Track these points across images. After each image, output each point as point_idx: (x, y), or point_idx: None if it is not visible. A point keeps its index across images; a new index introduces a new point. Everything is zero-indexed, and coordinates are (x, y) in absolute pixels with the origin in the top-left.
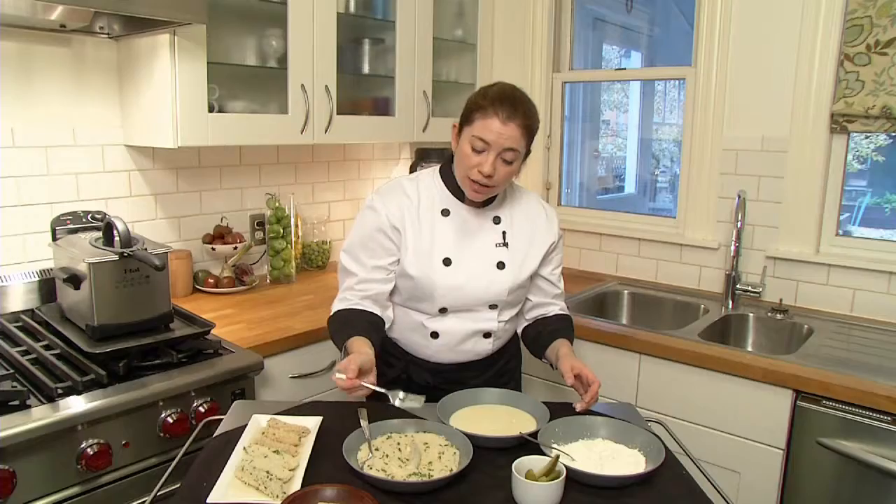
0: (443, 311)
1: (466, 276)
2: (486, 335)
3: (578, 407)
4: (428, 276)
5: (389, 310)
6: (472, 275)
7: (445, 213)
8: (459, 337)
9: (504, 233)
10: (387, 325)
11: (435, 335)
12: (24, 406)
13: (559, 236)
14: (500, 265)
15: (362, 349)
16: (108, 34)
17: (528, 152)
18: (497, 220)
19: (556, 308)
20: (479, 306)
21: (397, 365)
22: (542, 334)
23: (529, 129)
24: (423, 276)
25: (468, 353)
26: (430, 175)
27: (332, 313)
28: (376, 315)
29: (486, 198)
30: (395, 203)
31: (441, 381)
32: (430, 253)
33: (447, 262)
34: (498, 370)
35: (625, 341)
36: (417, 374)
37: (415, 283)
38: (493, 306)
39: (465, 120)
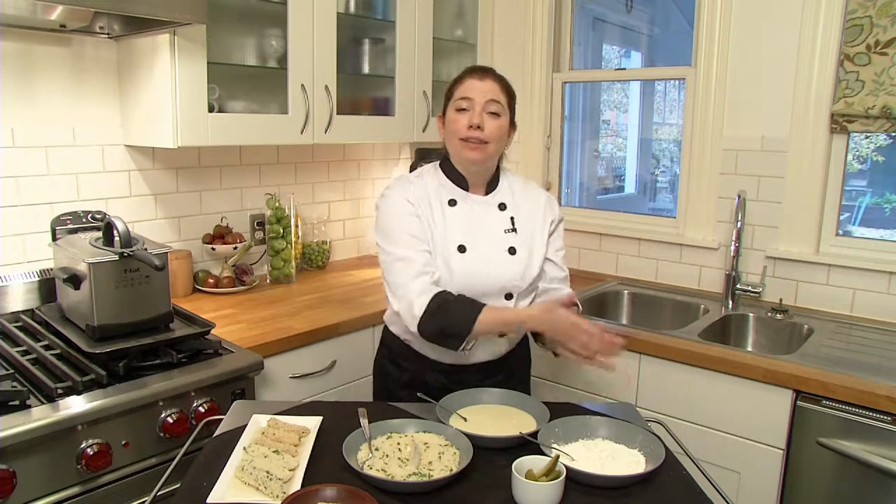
0: None
1: (482, 261)
2: (501, 334)
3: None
4: (445, 264)
5: None
6: (486, 260)
7: (452, 202)
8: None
9: (512, 218)
10: (406, 335)
11: None
12: (24, 406)
13: (560, 217)
14: (512, 250)
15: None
16: (108, 34)
17: (513, 121)
18: (503, 207)
19: (564, 293)
20: (494, 296)
21: (410, 368)
22: None
23: (506, 85)
24: (440, 263)
25: (483, 353)
26: (433, 169)
27: (427, 304)
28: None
29: (483, 158)
30: (411, 190)
31: (454, 383)
32: (443, 241)
33: (462, 248)
34: (509, 371)
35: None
36: (431, 375)
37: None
38: (508, 296)
39: (448, 98)
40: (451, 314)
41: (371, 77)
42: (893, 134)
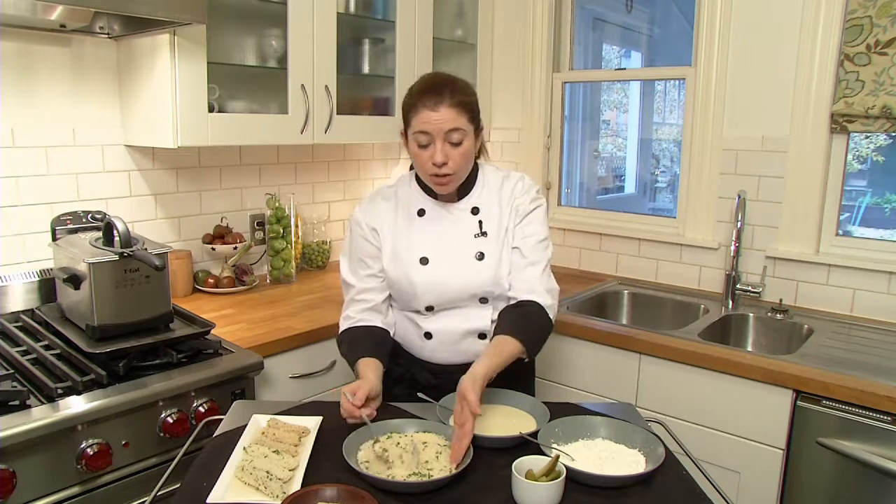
0: (430, 308)
1: (445, 271)
2: (482, 336)
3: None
4: (406, 277)
5: (391, 315)
6: (450, 270)
7: (421, 212)
8: (454, 337)
9: (480, 222)
10: (392, 332)
11: (429, 335)
12: (24, 406)
13: (534, 200)
14: (480, 256)
15: (369, 376)
16: (108, 34)
17: (479, 127)
18: (475, 211)
19: (523, 285)
20: (466, 301)
21: (402, 364)
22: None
23: (463, 104)
24: (401, 277)
25: (466, 354)
26: (408, 178)
27: (339, 332)
28: (380, 328)
29: (454, 187)
30: (373, 209)
31: (443, 382)
32: (407, 254)
33: (424, 260)
34: (506, 374)
35: (625, 341)
36: (419, 374)
37: (397, 286)
38: (483, 300)
39: (405, 124)
40: (345, 349)
41: (371, 77)
42: (893, 134)
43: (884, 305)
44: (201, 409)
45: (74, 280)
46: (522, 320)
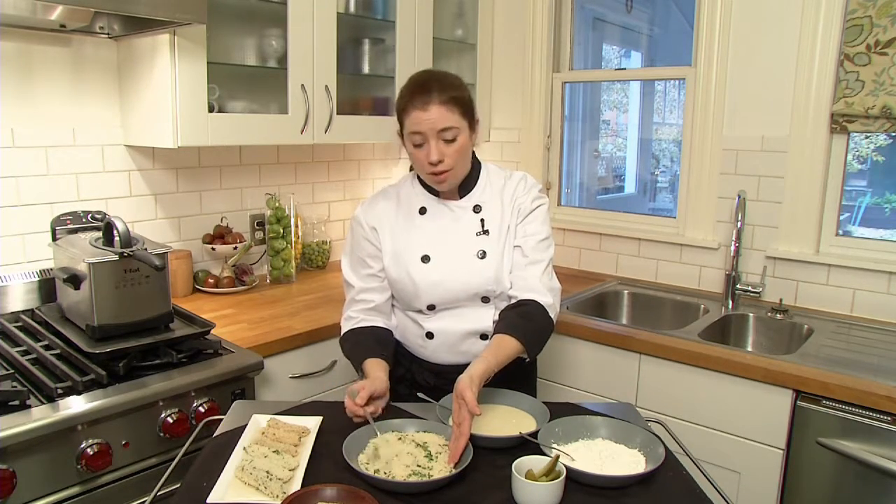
0: (432, 308)
1: (446, 270)
2: (483, 337)
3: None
4: (408, 276)
5: (394, 318)
6: (451, 268)
7: (423, 211)
8: (455, 338)
9: (482, 220)
10: (395, 333)
11: (430, 335)
12: (24, 406)
13: (536, 199)
14: (482, 254)
15: (377, 374)
16: (108, 34)
17: (473, 121)
18: (477, 209)
19: (523, 284)
20: (468, 301)
21: (403, 363)
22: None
23: (453, 100)
24: (403, 275)
25: (466, 355)
26: (411, 178)
27: (341, 334)
28: (382, 328)
29: (453, 184)
30: (374, 209)
31: (444, 383)
32: (407, 253)
33: (425, 259)
34: (507, 375)
35: (625, 341)
36: (420, 374)
37: (399, 285)
38: (485, 300)
39: (400, 124)
40: (349, 350)
41: (371, 77)
42: (893, 134)
43: (884, 305)
44: (201, 409)
45: (74, 280)
46: (522, 319)
